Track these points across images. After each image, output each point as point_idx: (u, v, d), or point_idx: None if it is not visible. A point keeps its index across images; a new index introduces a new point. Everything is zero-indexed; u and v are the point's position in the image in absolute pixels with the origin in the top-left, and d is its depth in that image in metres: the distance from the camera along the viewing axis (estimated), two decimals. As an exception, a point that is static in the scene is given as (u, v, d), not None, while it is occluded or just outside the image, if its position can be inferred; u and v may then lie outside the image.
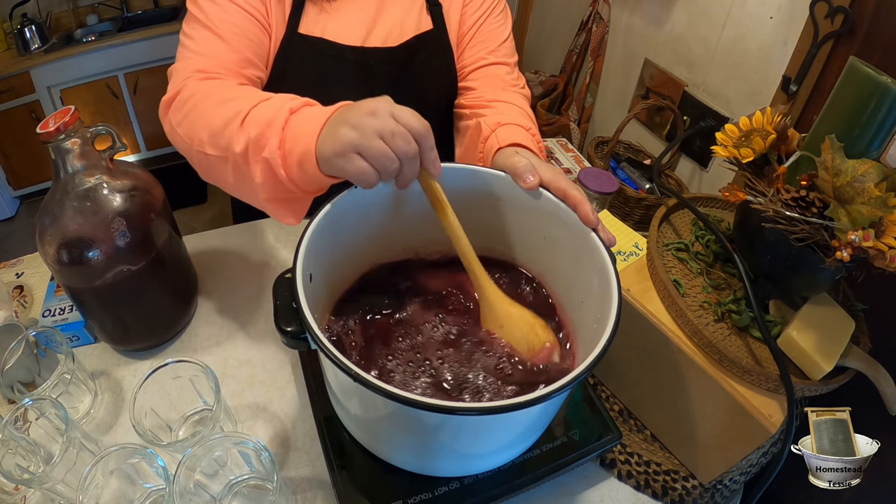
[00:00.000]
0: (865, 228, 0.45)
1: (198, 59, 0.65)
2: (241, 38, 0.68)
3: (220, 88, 0.61)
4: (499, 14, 0.84)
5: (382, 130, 0.45)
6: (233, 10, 0.68)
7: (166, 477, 0.49)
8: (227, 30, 0.67)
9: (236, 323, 0.75)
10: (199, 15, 0.67)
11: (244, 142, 0.53)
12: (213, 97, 0.59)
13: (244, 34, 0.68)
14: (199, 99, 0.59)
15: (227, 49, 0.66)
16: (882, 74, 0.45)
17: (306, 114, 0.51)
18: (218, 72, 0.65)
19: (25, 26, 2.28)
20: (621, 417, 0.68)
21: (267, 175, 0.52)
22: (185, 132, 0.59)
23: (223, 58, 0.66)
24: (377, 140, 0.45)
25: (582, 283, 0.53)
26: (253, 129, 0.52)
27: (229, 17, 0.67)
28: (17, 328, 0.64)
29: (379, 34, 0.77)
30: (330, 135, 0.48)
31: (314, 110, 0.52)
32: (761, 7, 1.13)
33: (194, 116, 0.58)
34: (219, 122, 0.55)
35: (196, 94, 0.60)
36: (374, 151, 0.45)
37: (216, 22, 0.66)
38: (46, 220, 0.58)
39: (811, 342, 0.51)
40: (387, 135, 0.45)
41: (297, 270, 0.44)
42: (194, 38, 0.67)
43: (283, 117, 0.51)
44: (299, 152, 0.50)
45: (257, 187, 0.53)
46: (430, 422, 0.43)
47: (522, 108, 0.75)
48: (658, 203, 1.21)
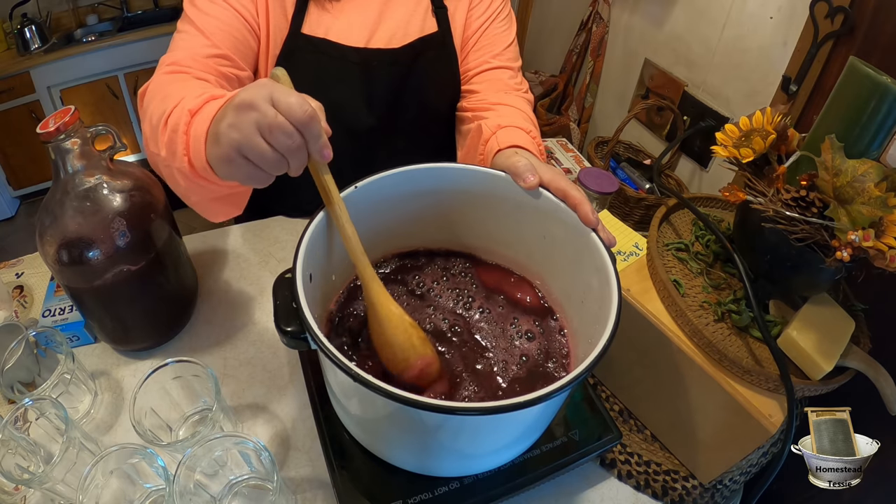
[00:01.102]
0: (865, 228, 0.45)
1: (175, 53, 0.65)
2: (222, 35, 0.68)
3: (171, 83, 0.60)
4: (504, 18, 0.84)
5: (260, 124, 0.41)
6: (221, 8, 0.68)
7: (166, 477, 0.48)
8: (210, 25, 0.67)
9: (236, 323, 0.75)
10: (190, 11, 0.68)
11: (164, 147, 0.51)
12: (161, 92, 0.57)
13: (227, 31, 0.68)
14: (153, 93, 0.59)
15: (204, 43, 0.66)
16: (882, 74, 0.45)
17: (205, 112, 0.48)
18: (189, 66, 0.64)
19: (25, 26, 2.28)
20: (621, 417, 0.68)
21: (187, 181, 0.51)
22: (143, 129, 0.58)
23: (197, 52, 0.66)
24: (258, 138, 0.41)
25: (582, 283, 0.53)
26: (167, 134, 0.51)
27: (215, 13, 0.68)
28: (17, 328, 0.64)
29: (382, 35, 0.77)
30: (213, 136, 0.44)
31: (212, 105, 0.48)
32: (761, 7, 1.13)
33: (145, 111, 0.58)
34: (155, 119, 0.54)
35: (152, 89, 0.60)
36: (256, 152, 0.41)
37: (202, 17, 0.67)
38: (46, 220, 0.58)
39: (811, 342, 0.51)
40: (265, 129, 0.41)
41: (297, 270, 0.44)
42: (181, 33, 0.68)
43: (186, 121, 0.49)
44: (199, 159, 0.47)
45: (186, 191, 0.52)
46: (430, 422, 0.43)
47: (524, 112, 0.75)
48: (658, 203, 1.21)
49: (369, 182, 0.53)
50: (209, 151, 0.45)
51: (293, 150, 0.42)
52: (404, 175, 0.55)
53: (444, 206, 0.59)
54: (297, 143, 0.42)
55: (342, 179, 0.50)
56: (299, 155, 0.43)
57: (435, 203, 0.59)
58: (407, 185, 0.56)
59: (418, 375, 0.49)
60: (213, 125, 0.45)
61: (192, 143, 0.48)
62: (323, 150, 0.43)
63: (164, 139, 0.51)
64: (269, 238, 0.88)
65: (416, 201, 0.58)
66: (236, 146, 0.42)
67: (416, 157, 0.57)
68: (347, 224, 0.48)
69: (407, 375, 0.49)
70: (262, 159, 0.42)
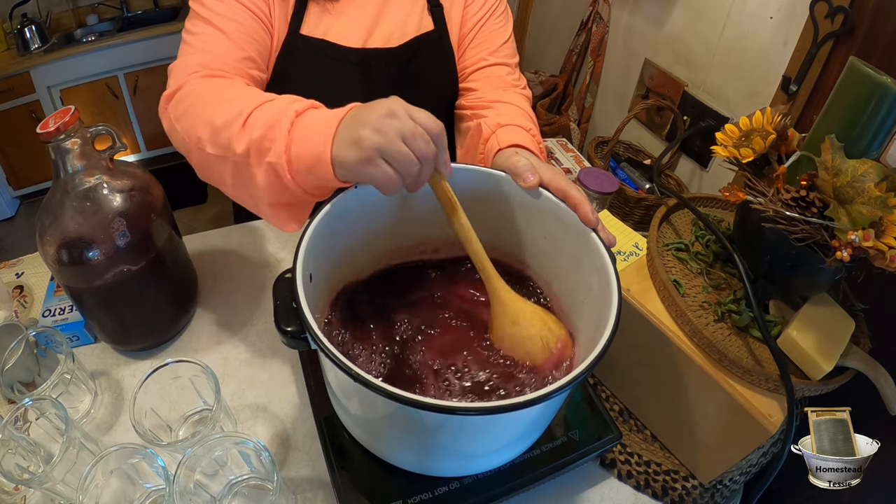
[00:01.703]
0: (865, 228, 0.45)
1: (201, 56, 0.64)
2: (245, 37, 0.67)
3: (223, 86, 0.60)
4: (500, 15, 0.83)
5: (404, 132, 0.45)
6: (237, 8, 0.67)
7: (166, 477, 0.49)
8: (231, 27, 0.66)
9: (236, 323, 0.75)
10: (203, 12, 0.66)
11: (246, 143, 0.51)
12: (215, 94, 0.58)
13: (248, 32, 0.68)
14: (199, 95, 0.58)
15: (231, 46, 0.66)
16: (882, 74, 0.45)
17: (313, 116, 0.50)
18: (221, 69, 0.64)
19: (25, 26, 2.28)
20: (621, 417, 0.68)
21: (271, 179, 0.51)
22: (185, 129, 0.57)
23: (227, 55, 0.65)
24: (400, 143, 0.45)
25: (582, 283, 0.53)
26: (256, 131, 0.51)
27: (234, 15, 0.67)
28: (17, 328, 0.64)
29: (380, 35, 0.77)
30: (349, 139, 0.46)
31: (321, 113, 0.50)
32: (761, 7, 1.13)
33: (194, 113, 0.57)
34: (220, 121, 0.53)
35: (197, 91, 0.59)
36: (399, 155, 0.45)
37: (220, 19, 0.66)
38: (46, 220, 0.58)
39: (811, 342, 0.51)
40: (408, 136, 0.45)
41: (297, 270, 0.44)
42: (197, 35, 0.66)
43: (289, 119, 0.50)
44: (309, 157, 0.48)
45: (260, 191, 0.52)
46: (430, 422, 0.43)
47: (523, 109, 0.75)
48: (658, 203, 1.21)
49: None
50: (340, 152, 0.47)
51: (429, 157, 0.46)
52: (404, 175, 0.55)
53: (444, 206, 0.59)
54: (432, 152, 0.46)
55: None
56: (432, 164, 0.47)
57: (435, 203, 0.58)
58: (407, 185, 0.56)
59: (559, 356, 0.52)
60: (346, 129, 0.47)
61: (294, 142, 0.49)
62: (448, 162, 0.49)
63: (247, 137, 0.51)
64: (269, 238, 0.88)
65: (416, 201, 0.57)
66: (380, 148, 0.45)
67: None
68: (472, 230, 0.52)
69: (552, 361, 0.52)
70: (402, 161, 0.45)
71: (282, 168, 0.49)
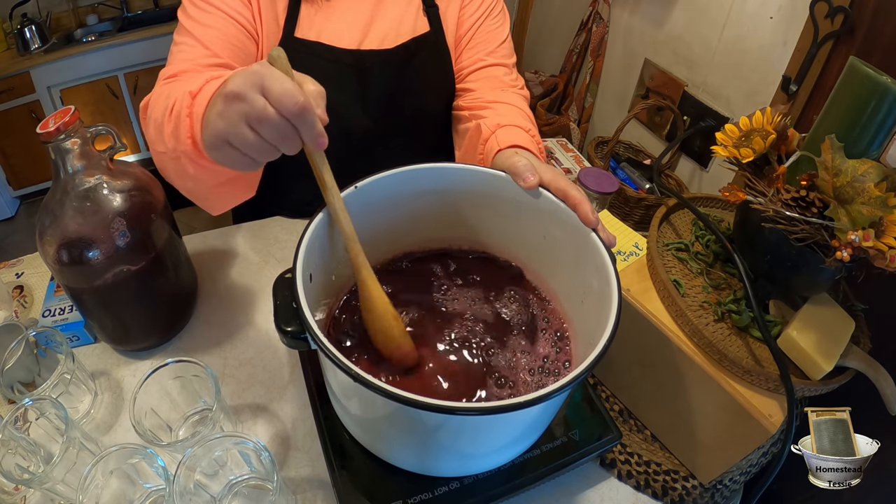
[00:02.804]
0: (865, 228, 0.45)
1: (175, 66, 0.65)
2: (221, 43, 0.68)
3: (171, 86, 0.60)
4: (497, 15, 0.83)
5: (248, 116, 0.41)
6: (217, 16, 0.68)
7: (166, 477, 0.48)
8: (208, 34, 0.67)
9: (236, 323, 0.75)
10: (185, 22, 0.67)
11: (170, 137, 0.51)
12: (162, 96, 0.58)
13: (226, 39, 0.68)
14: (155, 101, 0.59)
15: (204, 54, 0.66)
16: (882, 74, 0.45)
17: (203, 93, 0.48)
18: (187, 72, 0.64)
19: (25, 26, 2.28)
20: (621, 417, 0.68)
21: (194, 166, 0.51)
22: (146, 134, 0.59)
23: (198, 61, 0.66)
24: (244, 128, 0.41)
25: (582, 283, 0.53)
26: (173, 122, 0.51)
27: (213, 23, 0.67)
28: (17, 328, 0.64)
29: (375, 36, 0.77)
30: (206, 123, 0.45)
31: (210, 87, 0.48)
32: (761, 7, 1.13)
33: (149, 116, 0.58)
34: (160, 119, 0.54)
35: (154, 97, 0.60)
36: (241, 143, 0.42)
37: (198, 27, 0.67)
38: (46, 220, 0.58)
39: (811, 342, 0.51)
40: (253, 120, 0.41)
41: (297, 270, 0.44)
42: (179, 45, 0.67)
43: (188, 104, 0.48)
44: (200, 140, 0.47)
45: (196, 180, 0.52)
46: (430, 422, 0.43)
47: (522, 109, 0.75)
48: (658, 203, 1.21)
49: (369, 182, 0.53)
50: (204, 137, 0.46)
51: (282, 140, 0.41)
52: (405, 175, 0.55)
53: (444, 206, 0.59)
54: (285, 134, 0.41)
55: (339, 181, 0.49)
56: (290, 144, 0.42)
57: (434, 203, 0.59)
58: (407, 186, 0.56)
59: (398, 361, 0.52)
60: (207, 110, 0.45)
61: (194, 125, 0.48)
62: (318, 138, 0.42)
63: (170, 128, 0.51)
64: (269, 238, 0.88)
65: (415, 201, 0.57)
66: (222, 135, 0.42)
67: (413, 157, 0.56)
68: (342, 211, 0.48)
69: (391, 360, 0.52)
70: (248, 147, 0.42)
71: (191, 154, 0.49)
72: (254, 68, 0.41)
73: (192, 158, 0.50)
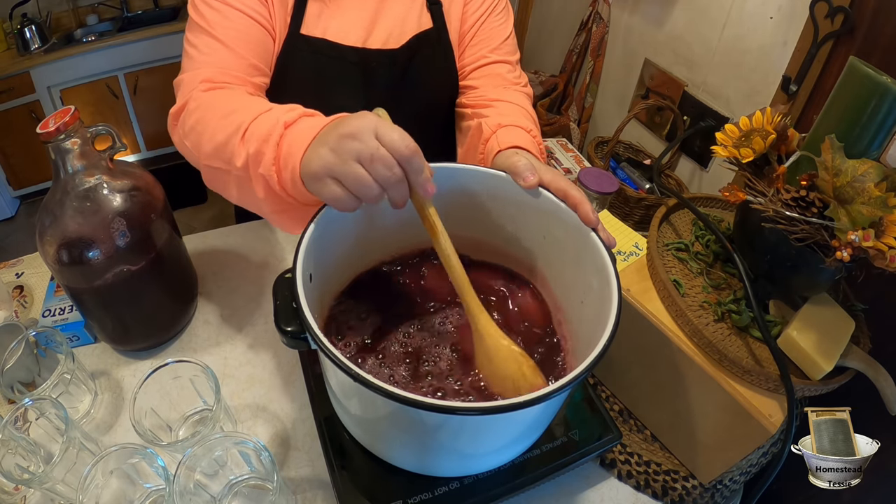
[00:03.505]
0: (865, 228, 0.45)
1: (203, 69, 0.64)
2: (245, 44, 0.67)
3: (224, 99, 0.60)
4: (500, 12, 0.83)
5: (361, 154, 0.43)
6: (234, 16, 0.67)
7: (166, 477, 0.49)
8: (230, 36, 0.66)
9: (236, 323, 0.75)
10: (201, 22, 0.66)
11: (244, 157, 0.52)
12: (217, 109, 0.58)
13: (248, 39, 0.68)
14: (203, 111, 0.59)
15: (231, 56, 0.66)
16: (882, 74, 0.45)
17: (301, 127, 0.50)
18: (225, 80, 0.64)
19: (25, 26, 2.28)
20: (621, 417, 0.68)
21: (267, 190, 0.52)
22: (193, 145, 0.59)
23: (229, 66, 0.65)
24: (355, 165, 0.43)
25: (582, 283, 0.53)
26: (252, 145, 0.51)
27: (232, 23, 0.66)
28: (17, 328, 0.64)
29: (380, 34, 0.77)
30: (311, 155, 0.46)
31: (310, 122, 0.50)
32: (761, 7, 1.13)
33: (200, 129, 0.58)
34: (221, 136, 0.54)
35: (201, 106, 0.60)
36: (350, 178, 0.43)
37: (218, 28, 0.66)
38: (46, 220, 0.58)
39: (811, 342, 0.51)
40: (365, 159, 0.43)
41: (297, 270, 0.44)
42: (198, 47, 0.66)
43: (279, 132, 0.50)
44: (290, 169, 0.48)
45: (260, 201, 0.53)
46: (430, 422, 0.43)
47: (524, 108, 0.75)
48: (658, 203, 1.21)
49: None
50: (304, 167, 0.46)
51: (392, 182, 0.44)
52: (404, 175, 0.55)
53: (444, 206, 0.59)
54: (396, 177, 0.43)
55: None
56: (399, 187, 0.44)
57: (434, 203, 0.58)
58: (407, 186, 0.56)
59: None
60: (316, 143, 0.46)
61: (283, 155, 0.49)
62: (426, 184, 0.46)
63: (245, 151, 0.52)
64: (269, 238, 0.88)
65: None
66: (330, 169, 0.44)
67: None
68: (453, 255, 0.49)
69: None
70: (354, 184, 0.43)
71: (272, 180, 0.50)
72: (365, 114, 0.45)
73: (269, 184, 0.51)
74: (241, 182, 0.55)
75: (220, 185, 0.59)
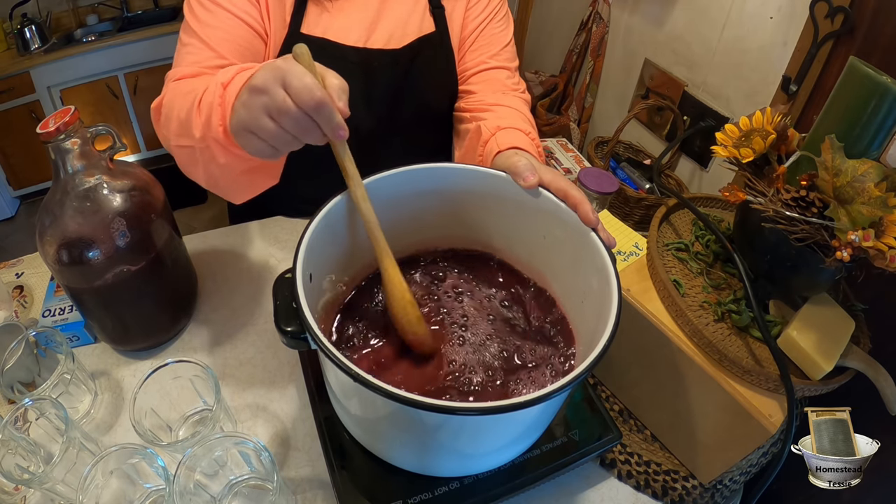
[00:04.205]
0: (865, 228, 0.45)
1: (184, 67, 0.65)
2: (229, 46, 0.68)
3: (188, 83, 0.61)
4: (501, 19, 0.84)
5: (269, 108, 0.44)
6: (223, 16, 0.67)
7: (166, 477, 0.48)
8: (215, 36, 0.67)
9: (236, 323, 0.75)
10: (192, 22, 0.68)
11: (201, 126, 0.53)
12: (181, 89, 0.59)
13: (234, 41, 0.68)
14: (172, 95, 0.60)
15: (211, 55, 0.67)
16: (882, 74, 0.45)
17: (235, 83, 0.50)
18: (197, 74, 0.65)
19: (25, 26, 2.28)
20: (621, 417, 0.68)
21: (225, 154, 0.53)
22: (165, 132, 0.60)
23: (205, 63, 0.66)
24: (265, 119, 0.44)
25: (582, 283, 0.53)
26: (204, 112, 0.53)
27: (220, 24, 0.67)
28: (17, 328, 0.64)
29: (381, 35, 0.77)
30: (234, 110, 0.48)
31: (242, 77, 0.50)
32: (761, 7, 1.13)
33: (167, 111, 0.60)
34: (183, 113, 0.56)
35: (171, 91, 0.61)
36: (263, 132, 0.45)
37: (205, 28, 0.67)
38: (46, 220, 0.58)
39: (811, 342, 0.51)
40: (273, 113, 0.44)
41: (297, 270, 0.44)
42: (186, 45, 0.67)
43: (219, 94, 0.51)
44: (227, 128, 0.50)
45: (224, 168, 0.54)
46: (430, 422, 0.43)
47: (522, 113, 0.75)
48: (658, 203, 1.21)
49: (371, 181, 0.53)
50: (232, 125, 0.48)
51: (302, 131, 0.44)
52: (406, 175, 0.55)
53: (445, 206, 0.59)
54: (304, 127, 0.44)
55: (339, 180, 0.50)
56: (311, 135, 0.45)
57: (435, 203, 0.59)
58: (408, 185, 0.56)
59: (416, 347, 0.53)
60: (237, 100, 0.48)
61: (225, 112, 0.50)
62: (337, 130, 0.45)
63: (201, 119, 0.53)
64: (269, 238, 0.88)
65: (416, 201, 0.57)
66: (245, 124, 0.45)
67: (414, 157, 0.57)
68: (364, 199, 0.50)
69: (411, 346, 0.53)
70: (269, 137, 0.45)
71: (223, 142, 0.51)
72: (278, 63, 0.44)
73: (222, 145, 0.52)
74: (203, 154, 0.55)
75: (191, 166, 0.60)
